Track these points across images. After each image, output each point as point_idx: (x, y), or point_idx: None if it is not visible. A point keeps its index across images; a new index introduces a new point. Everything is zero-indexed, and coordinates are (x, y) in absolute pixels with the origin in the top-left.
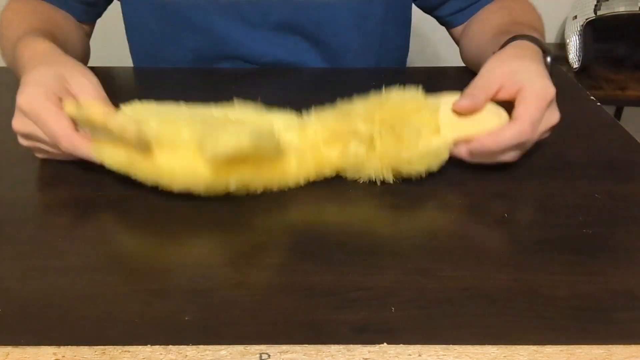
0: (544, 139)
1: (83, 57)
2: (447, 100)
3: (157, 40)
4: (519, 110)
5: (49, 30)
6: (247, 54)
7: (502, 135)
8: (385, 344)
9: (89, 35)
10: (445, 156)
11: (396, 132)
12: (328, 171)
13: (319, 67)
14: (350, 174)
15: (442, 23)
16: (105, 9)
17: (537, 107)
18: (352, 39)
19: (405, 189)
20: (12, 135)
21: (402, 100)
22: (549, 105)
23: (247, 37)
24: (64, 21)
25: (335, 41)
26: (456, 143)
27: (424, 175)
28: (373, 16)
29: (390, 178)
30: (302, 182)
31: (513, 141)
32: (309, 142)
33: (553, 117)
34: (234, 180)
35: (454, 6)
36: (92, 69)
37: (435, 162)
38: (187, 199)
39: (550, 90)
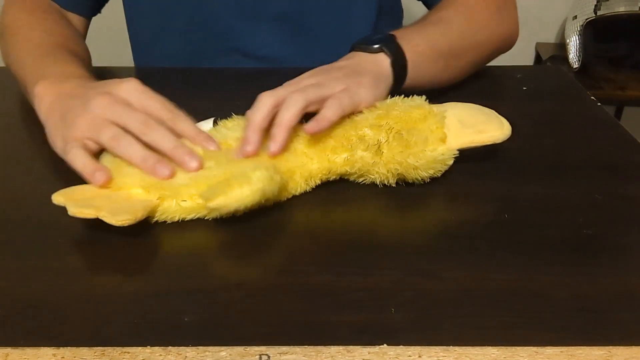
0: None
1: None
2: (453, 109)
3: (156, 33)
4: None
5: (64, 45)
6: (245, 46)
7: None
8: (385, 345)
9: (84, 35)
10: (450, 163)
11: (404, 139)
12: (333, 176)
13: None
14: (354, 178)
15: (429, 8)
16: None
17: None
18: (348, 29)
19: (405, 190)
20: (12, 135)
21: (409, 108)
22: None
23: (245, 28)
24: (70, 29)
25: (332, 31)
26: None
27: (427, 181)
28: (369, 6)
29: (393, 183)
30: (308, 190)
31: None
32: (315, 150)
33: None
34: (242, 211)
35: None
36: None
37: (440, 168)
38: None
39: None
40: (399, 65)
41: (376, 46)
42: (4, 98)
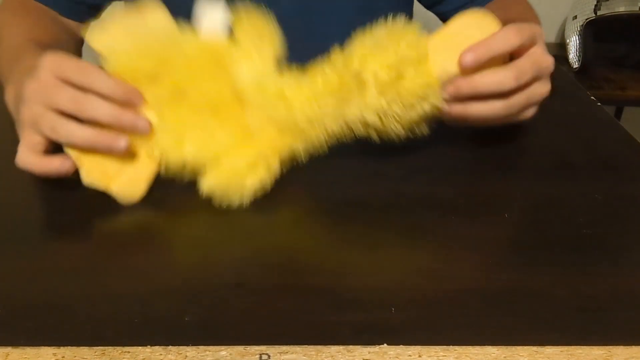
0: (545, 137)
1: None
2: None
3: None
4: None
5: (41, 40)
6: None
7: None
8: (385, 344)
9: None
10: (433, 102)
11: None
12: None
13: None
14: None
15: (443, 20)
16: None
17: (530, 61)
18: (352, 32)
19: (405, 189)
20: (12, 135)
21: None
22: (541, 72)
23: None
24: (54, 26)
25: (339, 35)
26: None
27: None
28: (377, 11)
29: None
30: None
31: (502, 47)
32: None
33: (543, 88)
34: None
35: (455, 2)
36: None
37: (422, 110)
38: (187, 200)
39: (549, 61)
40: None
41: None
42: (3, 99)
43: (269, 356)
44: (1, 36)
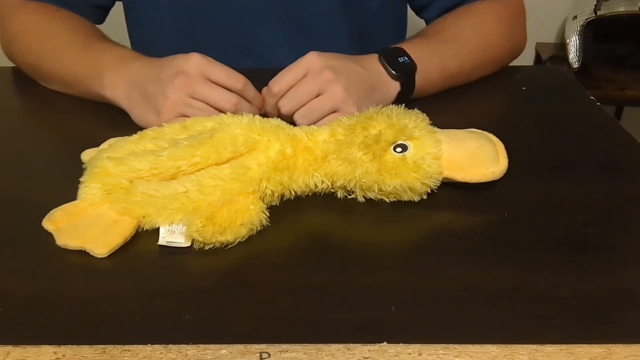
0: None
1: None
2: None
3: (154, 33)
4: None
5: (93, 34)
6: (244, 44)
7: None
8: (385, 343)
9: None
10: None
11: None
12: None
13: None
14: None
15: (418, 13)
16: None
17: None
18: (346, 32)
19: None
20: (12, 134)
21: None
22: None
23: (246, 26)
24: (85, 20)
25: (329, 33)
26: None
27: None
28: (367, 9)
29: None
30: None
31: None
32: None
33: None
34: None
35: (421, 2)
36: None
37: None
38: None
39: (317, 63)
40: (404, 96)
41: (395, 73)
42: (4, 98)
43: (269, 355)
44: (43, 35)
